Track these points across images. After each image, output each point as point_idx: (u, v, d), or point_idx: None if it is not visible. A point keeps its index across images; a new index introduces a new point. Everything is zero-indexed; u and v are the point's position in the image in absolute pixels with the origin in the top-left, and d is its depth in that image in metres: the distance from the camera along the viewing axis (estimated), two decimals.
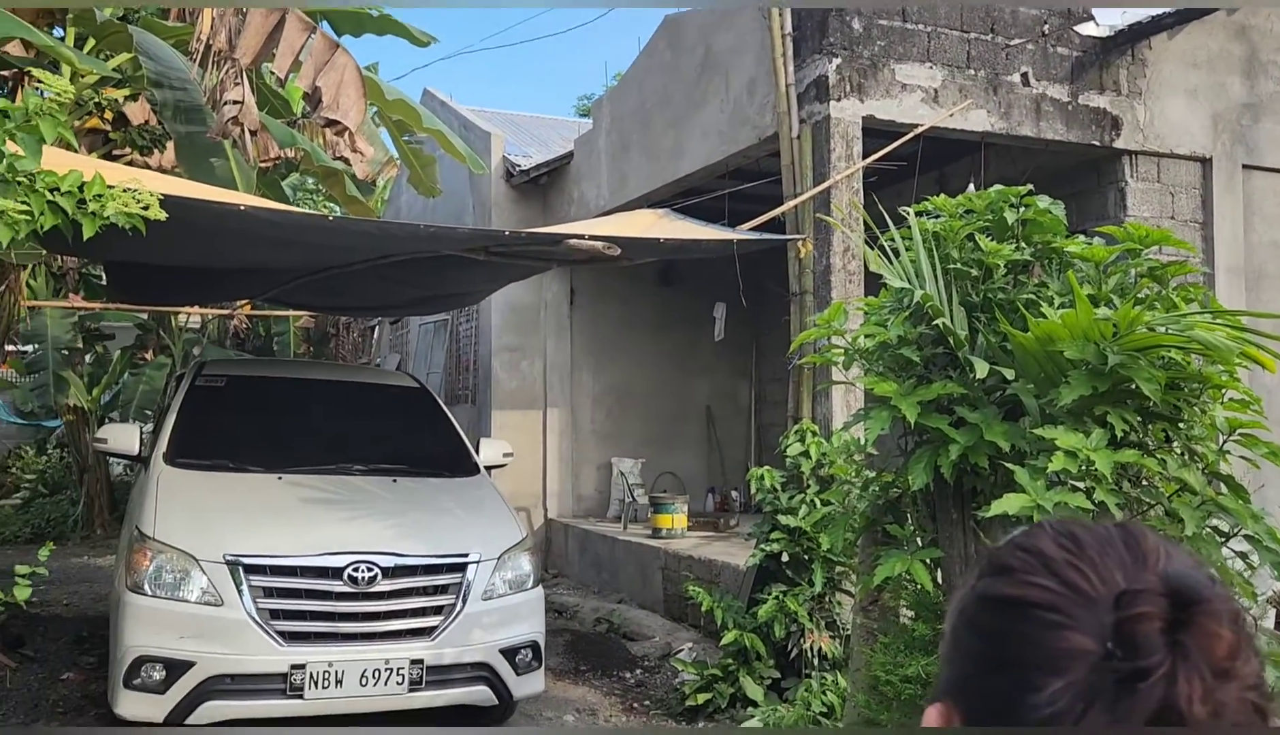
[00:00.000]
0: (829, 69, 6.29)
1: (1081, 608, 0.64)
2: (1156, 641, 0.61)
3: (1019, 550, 0.70)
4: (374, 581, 4.58)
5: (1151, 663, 0.61)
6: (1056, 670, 0.63)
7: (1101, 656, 0.62)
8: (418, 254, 5.33)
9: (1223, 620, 0.62)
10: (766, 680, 5.68)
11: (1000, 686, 0.66)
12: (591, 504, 10.36)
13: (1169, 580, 0.64)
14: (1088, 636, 0.63)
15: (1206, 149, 7.33)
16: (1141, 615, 0.62)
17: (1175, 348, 3.16)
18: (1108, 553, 0.67)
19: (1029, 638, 0.65)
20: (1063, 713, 0.62)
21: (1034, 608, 0.66)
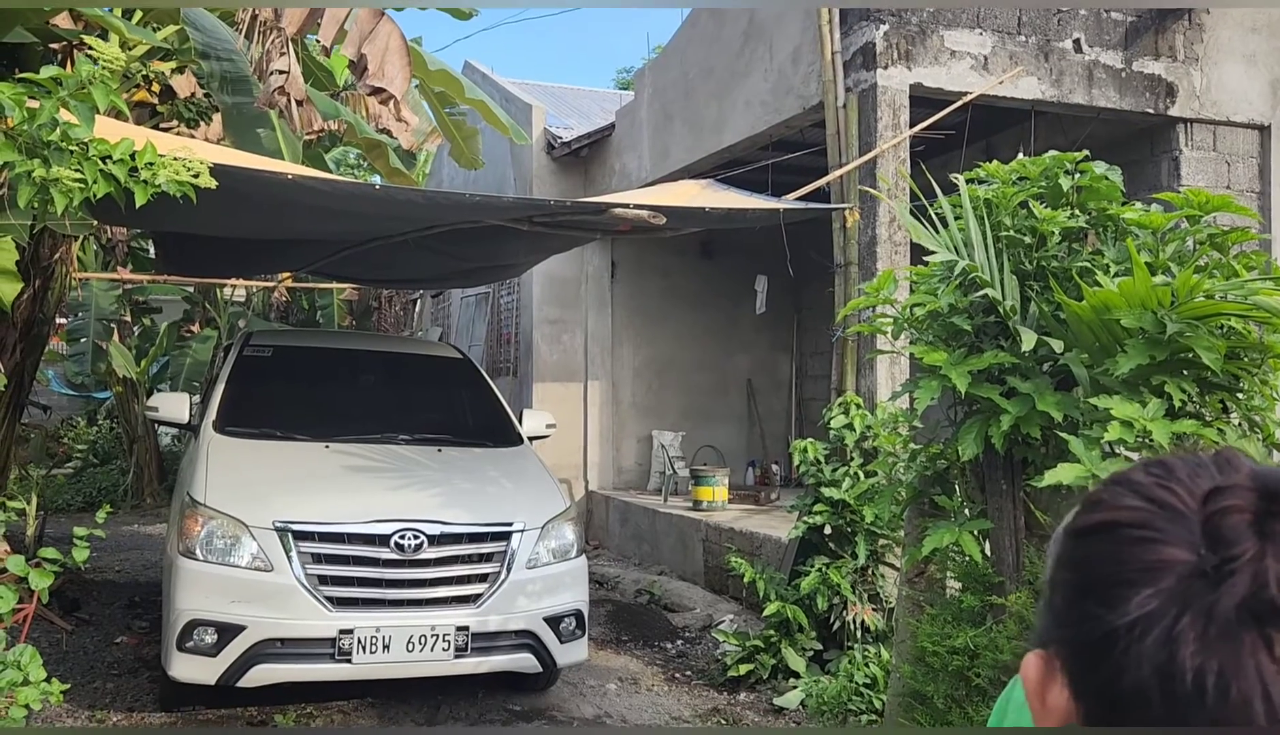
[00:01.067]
0: (876, 36, 6.19)
1: (1171, 522, 0.62)
2: (1244, 531, 0.59)
3: (1109, 484, 0.68)
4: (420, 549, 4.63)
5: (1238, 551, 0.58)
6: (1146, 581, 0.60)
7: (1194, 563, 0.60)
8: (462, 224, 5.33)
9: None
10: (808, 652, 5.67)
11: (1091, 609, 0.63)
12: (632, 476, 10.39)
13: (1258, 477, 0.62)
14: (1179, 547, 0.61)
15: (1265, 116, 7.14)
16: (1228, 508, 0.60)
17: (1235, 316, 3.09)
18: (1199, 473, 0.65)
19: (1118, 556, 0.63)
20: (1154, 615, 0.59)
21: (1122, 528, 0.64)
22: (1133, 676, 0.59)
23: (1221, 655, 0.56)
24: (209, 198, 3.53)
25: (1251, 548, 0.58)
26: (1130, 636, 0.59)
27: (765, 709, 5.32)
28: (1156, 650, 0.58)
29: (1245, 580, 0.57)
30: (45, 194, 3.16)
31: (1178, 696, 0.57)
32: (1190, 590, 0.59)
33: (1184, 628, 0.58)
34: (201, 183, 3.34)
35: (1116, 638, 0.60)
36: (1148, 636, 0.59)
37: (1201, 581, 0.59)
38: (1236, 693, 0.56)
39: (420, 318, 14.52)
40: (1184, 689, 0.57)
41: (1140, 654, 0.59)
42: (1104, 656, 0.61)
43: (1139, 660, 0.59)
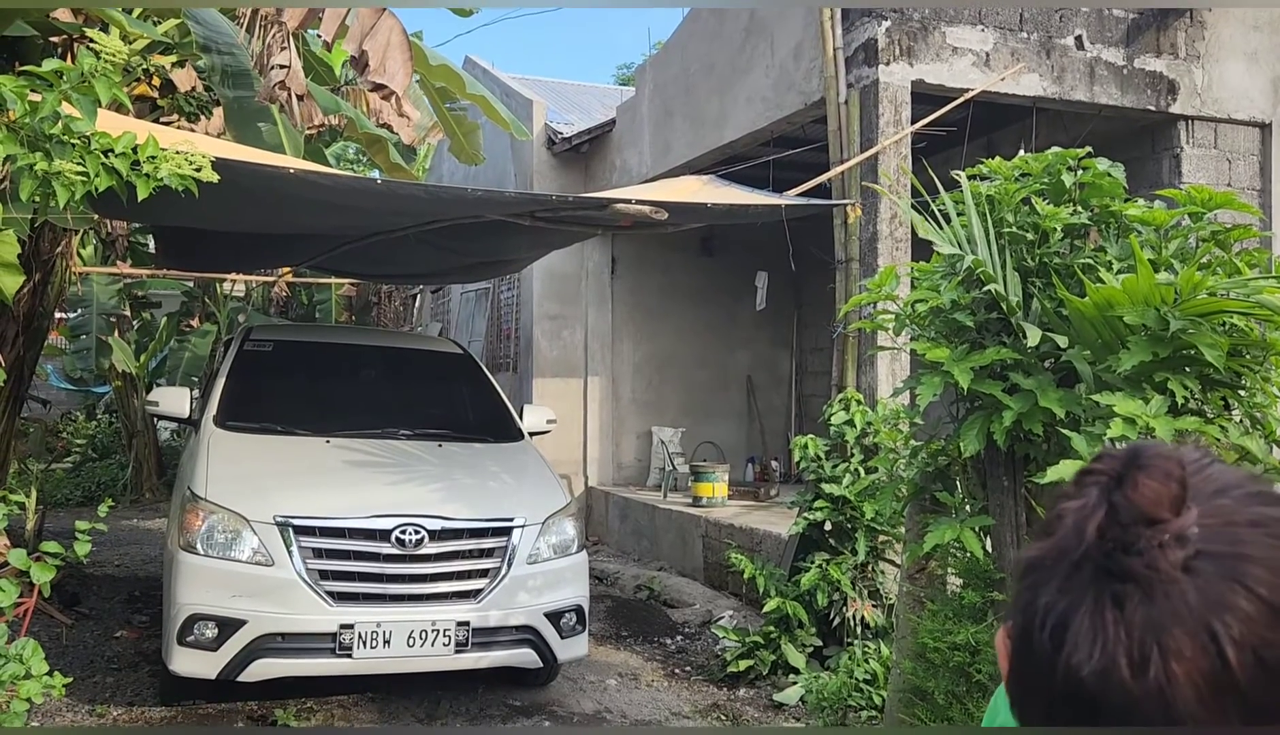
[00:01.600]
0: (878, 32, 6.18)
1: (1080, 489, 0.67)
2: (1095, 495, 0.65)
3: None
4: (421, 544, 4.63)
5: (1087, 512, 0.64)
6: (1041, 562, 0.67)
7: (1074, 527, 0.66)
8: (463, 219, 5.33)
9: (1160, 474, 0.63)
10: (808, 648, 5.68)
11: (1017, 591, 0.69)
12: (632, 472, 10.39)
13: (1132, 450, 0.66)
14: (1072, 512, 0.66)
15: (1266, 114, 7.14)
16: (1091, 471, 0.67)
17: (1238, 314, 3.09)
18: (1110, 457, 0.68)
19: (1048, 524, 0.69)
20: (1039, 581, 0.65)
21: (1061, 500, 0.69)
22: (1018, 625, 0.66)
23: (1077, 606, 0.62)
24: (210, 192, 3.52)
25: (1097, 508, 0.64)
26: (1023, 592, 0.67)
27: (765, 705, 5.32)
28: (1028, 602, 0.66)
29: (1089, 533, 0.64)
30: (47, 187, 3.16)
31: (1036, 642, 0.63)
32: (1064, 542, 0.66)
33: (1056, 582, 0.64)
34: (204, 176, 3.33)
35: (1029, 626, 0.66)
36: (1032, 591, 0.66)
37: (1072, 534, 0.65)
38: (1084, 640, 0.61)
39: (420, 313, 14.51)
40: (1041, 636, 0.63)
41: (1019, 603, 0.67)
42: (1027, 640, 0.66)
43: (1019, 610, 0.66)
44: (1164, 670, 0.58)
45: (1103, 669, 0.59)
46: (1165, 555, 0.60)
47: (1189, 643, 0.58)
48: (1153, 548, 0.61)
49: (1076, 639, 0.61)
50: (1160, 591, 0.59)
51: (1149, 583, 0.60)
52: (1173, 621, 0.59)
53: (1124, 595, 0.60)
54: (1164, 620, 0.59)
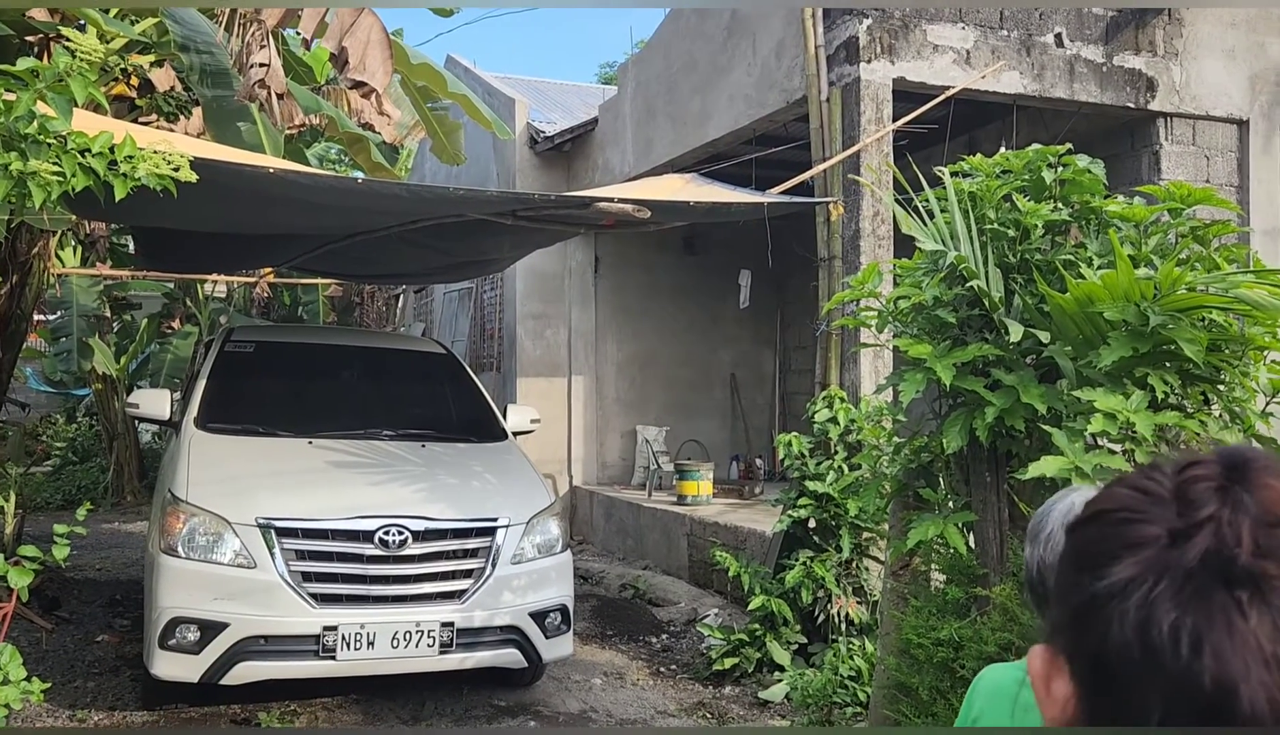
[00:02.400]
0: (859, 30, 6.20)
1: (1153, 505, 0.66)
2: (1208, 495, 0.63)
3: (1108, 485, 0.73)
4: (405, 545, 4.61)
5: (1201, 513, 0.63)
6: (1128, 553, 0.64)
7: (1169, 534, 0.63)
8: (446, 218, 5.30)
9: (1273, 474, 0.64)
10: (793, 645, 5.69)
11: (1078, 585, 0.67)
12: (616, 471, 10.39)
13: (1224, 452, 0.67)
14: (1159, 525, 0.64)
15: (1243, 111, 7.19)
16: (1195, 477, 0.65)
17: (1217, 308, 3.11)
18: (1182, 464, 0.68)
19: (1104, 535, 0.67)
20: (1134, 581, 0.62)
21: (1109, 513, 0.68)
22: (1118, 636, 0.62)
23: (1193, 612, 0.59)
24: (189, 192, 3.49)
25: (1213, 508, 0.62)
26: (1112, 599, 0.63)
27: (750, 702, 5.33)
28: (1136, 609, 0.61)
29: (1208, 536, 0.61)
30: (22, 188, 3.13)
31: (1155, 649, 0.60)
32: (1167, 555, 0.62)
33: (1161, 588, 0.61)
34: (182, 176, 3.30)
35: (1100, 601, 0.64)
36: (1129, 598, 0.62)
37: (1174, 546, 0.62)
38: (1210, 643, 0.59)
39: (403, 313, 14.46)
40: (1160, 641, 0.60)
41: (1123, 614, 0.62)
42: (1091, 621, 0.64)
43: (1122, 620, 0.62)
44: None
45: (1234, 673, 0.59)
46: (1275, 547, 0.61)
47: None
48: (1272, 545, 0.61)
49: (1203, 642, 0.59)
50: (1275, 581, 0.60)
51: (1269, 583, 0.60)
52: None
53: (1245, 600, 0.59)
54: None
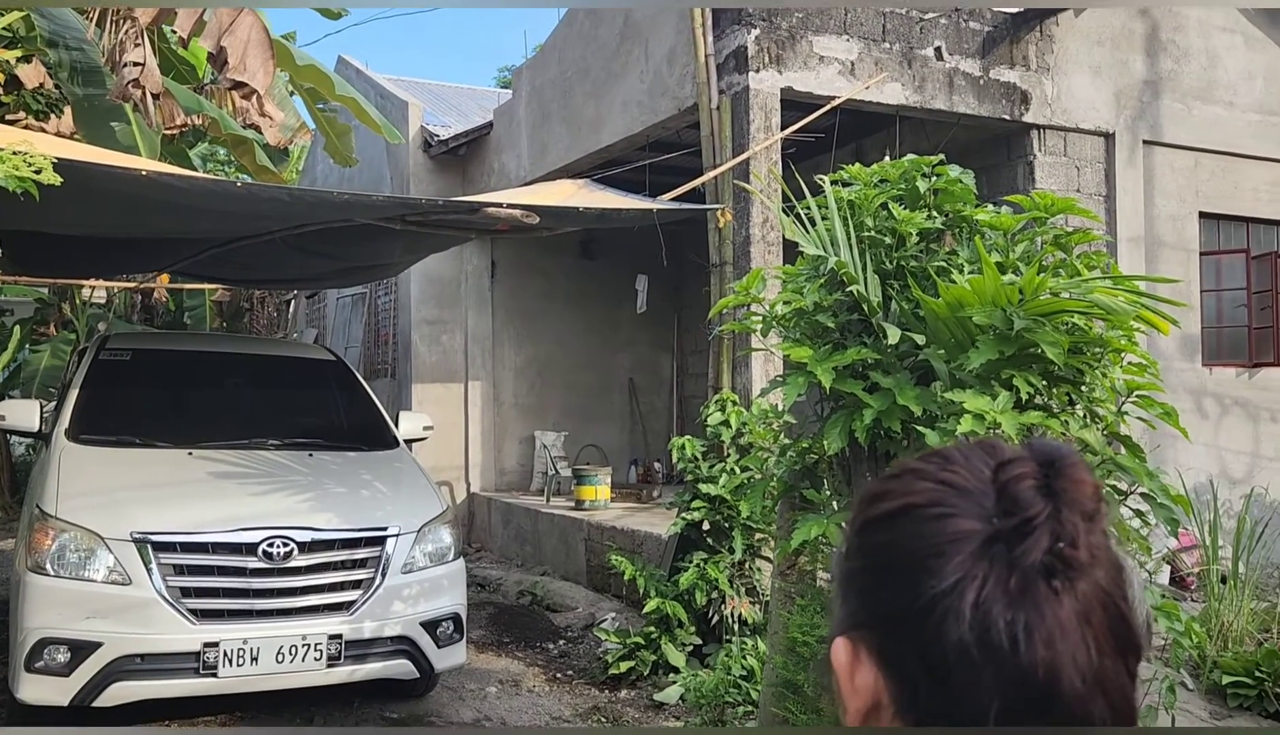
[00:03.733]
0: (748, 40, 6.31)
1: (962, 498, 0.68)
2: (1035, 495, 0.66)
3: (888, 477, 0.73)
4: (290, 557, 4.50)
5: (1034, 512, 0.65)
6: (951, 551, 0.66)
7: (988, 532, 0.66)
8: (332, 223, 5.20)
9: (1084, 469, 0.68)
10: (688, 647, 5.74)
11: (900, 585, 0.68)
12: (514, 477, 10.33)
13: (1033, 448, 0.69)
14: (973, 519, 0.66)
15: (1110, 124, 7.56)
16: (1018, 476, 0.67)
17: (1078, 312, 3.27)
18: (972, 455, 0.71)
19: (919, 534, 0.68)
20: (964, 580, 0.64)
21: (918, 509, 0.69)
22: (955, 636, 0.64)
23: (1025, 608, 0.63)
24: (57, 194, 3.35)
25: (1045, 508, 0.65)
26: (948, 600, 0.64)
27: (646, 705, 5.36)
28: (973, 609, 0.63)
29: (1044, 538, 0.64)
30: None
31: (994, 648, 0.63)
32: (993, 553, 0.65)
33: (992, 587, 0.64)
34: (44, 179, 3.17)
35: (935, 603, 0.65)
36: (964, 598, 0.64)
37: (1002, 544, 0.65)
38: (1039, 639, 0.62)
39: (295, 319, 14.10)
40: (999, 640, 0.63)
41: (960, 613, 0.64)
42: (922, 623, 0.65)
43: (958, 620, 0.64)
44: (1095, 648, 0.63)
45: (1059, 660, 0.63)
46: (1092, 543, 0.65)
47: (1104, 618, 0.64)
48: (1089, 539, 0.65)
49: (1034, 636, 0.63)
50: (1086, 578, 0.64)
51: (1081, 571, 0.64)
52: (1098, 604, 0.64)
53: (1062, 588, 0.63)
54: (1091, 605, 0.64)
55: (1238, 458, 8.13)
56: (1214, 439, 8.06)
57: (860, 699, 0.71)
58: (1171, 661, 3.73)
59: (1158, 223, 7.83)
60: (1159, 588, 4.04)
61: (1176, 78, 7.87)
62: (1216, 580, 5.69)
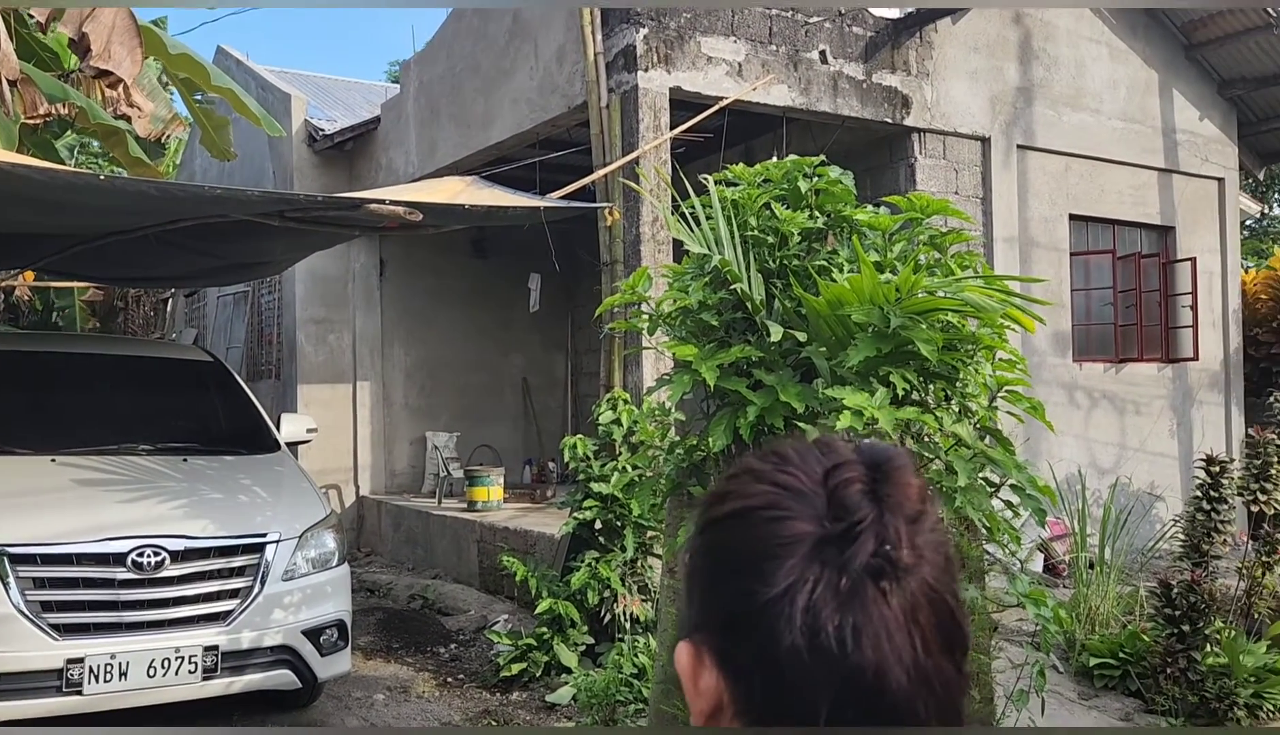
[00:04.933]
0: (636, 39, 6.32)
1: (796, 500, 0.69)
2: (861, 499, 0.67)
3: (729, 478, 0.73)
4: (161, 566, 4.31)
5: (860, 517, 0.67)
6: (785, 554, 0.67)
7: (820, 534, 0.67)
8: (208, 219, 5.01)
9: (910, 471, 0.69)
10: (580, 647, 5.73)
11: (733, 592, 0.69)
12: (405, 479, 10.14)
13: (862, 452, 0.71)
14: (806, 522, 0.68)
15: (986, 129, 7.84)
16: (847, 480, 0.68)
17: (951, 311, 3.37)
18: (808, 456, 0.72)
19: (754, 537, 0.69)
20: (795, 585, 0.66)
21: (754, 511, 0.70)
22: (787, 639, 0.65)
23: (853, 611, 0.64)
24: None
25: (870, 512, 0.66)
26: (780, 605, 0.65)
27: (537, 707, 5.32)
28: (802, 614, 0.65)
29: (870, 542, 0.66)
30: None
31: (823, 650, 0.64)
32: (824, 556, 0.66)
33: (822, 590, 0.65)
34: None
35: (768, 608, 0.66)
36: (795, 603, 0.65)
37: (832, 547, 0.66)
38: (867, 638, 0.64)
39: (173, 319, 13.56)
40: (828, 643, 0.64)
41: (791, 618, 0.65)
42: (757, 626, 0.66)
43: (790, 624, 0.65)
44: (922, 645, 0.65)
45: (886, 659, 0.64)
46: (918, 544, 0.67)
47: (931, 616, 0.66)
48: (915, 540, 0.66)
49: (862, 637, 0.64)
50: (912, 577, 0.65)
51: (908, 571, 0.65)
52: (925, 602, 0.66)
53: (889, 589, 0.65)
54: (918, 603, 0.65)
55: (1106, 448, 8.53)
56: (1084, 431, 8.44)
57: (704, 701, 0.71)
58: (1042, 646, 3.87)
59: (1031, 224, 8.15)
60: (1028, 576, 4.20)
61: (1048, 85, 8.21)
62: (1085, 566, 5.95)
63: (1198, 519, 5.33)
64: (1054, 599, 3.60)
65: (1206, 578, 4.95)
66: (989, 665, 4.11)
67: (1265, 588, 5.47)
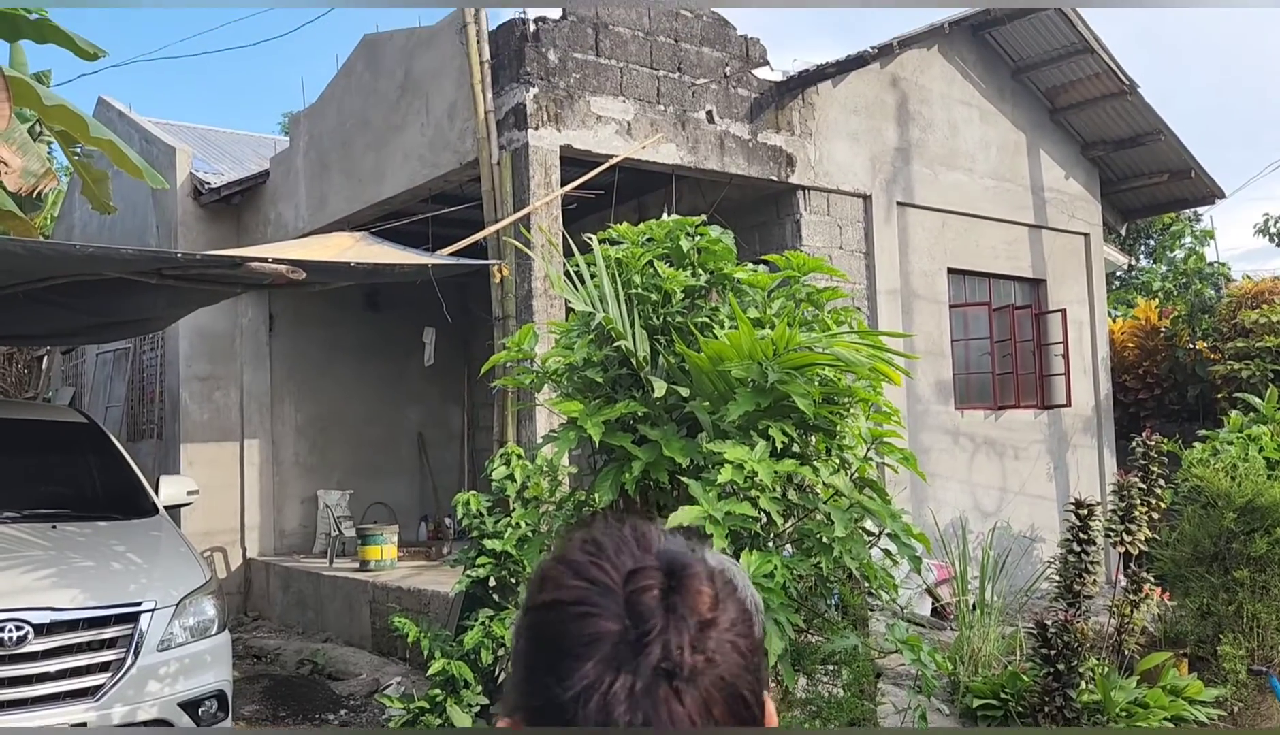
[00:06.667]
0: (526, 97, 6.41)
1: (605, 597, 0.73)
2: (654, 607, 0.72)
3: (555, 562, 0.77)
4: (25, 641, 4.10)
5: (650, 625, 0.71)
6: (587, 654, 0.71)
7: (621, 632, 0.71)
8: (80, 276, 4.86)
9: (703, 580, 0.74)
10: (475, 707, 5.62)
11: (544, 681, 0.73)
12: (296, 540, 9.85)
13: (662, 556, 0.76)
14: (611, 620, 0.72)
15: (867, 187, 8.15)
16: (643, 587, 0.73)
17: (825, 365, 3.48)
18: (622, 550, 0.76)
19: (564, 632, 0.73)
20: (593, 685, 0.70)
21: (566, 606, 0.74)
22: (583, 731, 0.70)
23: (644, 706, 0.69)
24: None
25: (659, 621, 0.72)
26: (576, 704, 0.70)
27: None
28: (597, 711, 0.70)
29: (657, 649, 0.71)
30: None
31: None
32: (619, 656, 0.71)
33: (617, 690, 0.70)
34: None
35: (565, 707, 0.71)
36: (589, 702, 0.70)
37: (628, 648, 0.71)
38: (658, 731, 0.69)
39: (49, 377, 12.98)
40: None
41: (587, 716, 0.70)
42: (559, 719, 0.71)
43: (586, 720, 0.70)
44: None
45: None
46: (708, 647, 0.72)
47: (725, 706, 0.71)
48: (705, 643, 0.71)
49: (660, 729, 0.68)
50: (705, 676, 0.71)
51: (697, 673, 0.70)
52: (719, 695, 0.71)
53: (682, 689, 0.70)
54: (712, 697, 0.71)
55: (988, 492, 8.85)
56: (968, 476, 8.73)
57: None
58: (923, 689, 3.97)
59: (912, 277, 8.48)
60: (908, 621, 4.32)
61: (924, 145, 8.59)
62: (967, 609, 6.13)
63: (1069, 560, 5.56)
64: (931, 644, 3.71)
65: (1080, 617, 5.16)
66: (873, 712, 4.20)
67: (1134, 624, 5.73)
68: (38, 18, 6.53)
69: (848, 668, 3.76)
